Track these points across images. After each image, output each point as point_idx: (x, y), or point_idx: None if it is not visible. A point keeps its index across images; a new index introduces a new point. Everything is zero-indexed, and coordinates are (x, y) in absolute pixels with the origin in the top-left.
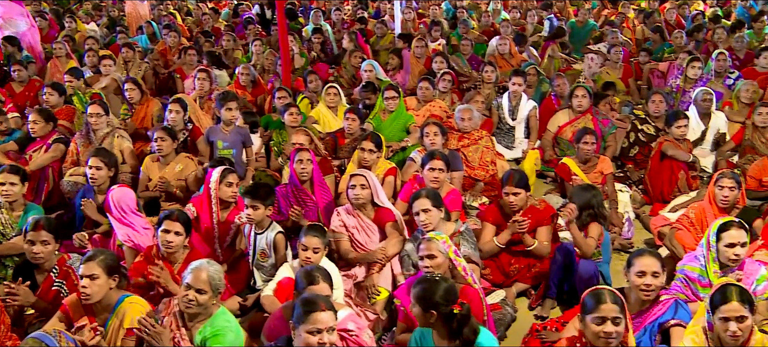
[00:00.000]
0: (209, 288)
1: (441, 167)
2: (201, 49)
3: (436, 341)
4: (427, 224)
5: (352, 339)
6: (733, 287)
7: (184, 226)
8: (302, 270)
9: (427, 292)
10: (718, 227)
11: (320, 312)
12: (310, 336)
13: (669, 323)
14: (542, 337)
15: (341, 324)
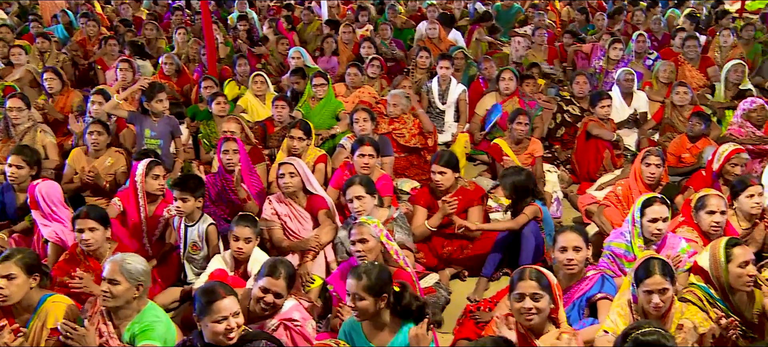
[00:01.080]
0: (123, 279)
1: (371, 153)
2: (122, 39)
3: (367, 332)
4: (361, 210)
5: (297, 329)
6: (655, 261)
7: (99, 220)
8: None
9: (378, 279)
10: (641, 203)
11: (221, 299)
12: (216, 325)
13: (596, 297)
14: (476, 318)
15: (286, 314)
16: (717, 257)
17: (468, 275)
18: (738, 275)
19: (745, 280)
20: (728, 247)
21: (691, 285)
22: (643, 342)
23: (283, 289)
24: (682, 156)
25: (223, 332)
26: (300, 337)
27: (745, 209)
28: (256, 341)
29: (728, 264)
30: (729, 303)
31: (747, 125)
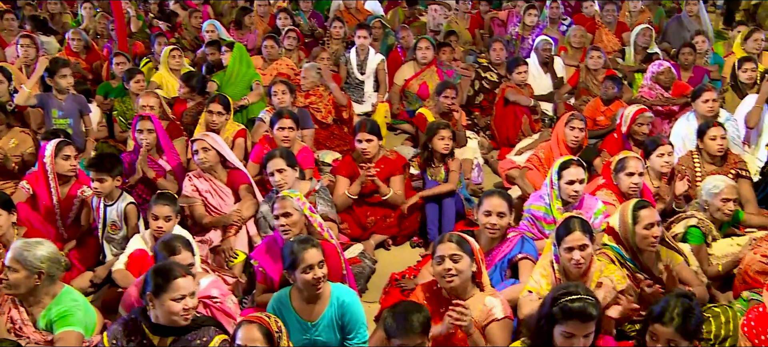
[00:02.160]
0: (21, 267)
1: (291, 126)
2: (21, 14)
3: (297, 306)
4: (282, 184)
5: (216, 306)
6: (575, 219)
7: (2, 206)
8: (161, 242)
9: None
10: (559, 166)
11: (180, 278)
12: (174, 303)
13: (517, 257)
14: (401, 286)
15: (204, 292)
16: (625, 220)
17: (392, 244)
18: (643, 236)
19: (650, 241)
20: (635, 210)
21: (604, 246)
22: (570, 309)
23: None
24: (597, 119)
25: (180, 311)
26: (221, 313)
27: (656, 167)
28: (205, 327)
29: (635, 226)
30: (638, 262)
31: (656, 87)
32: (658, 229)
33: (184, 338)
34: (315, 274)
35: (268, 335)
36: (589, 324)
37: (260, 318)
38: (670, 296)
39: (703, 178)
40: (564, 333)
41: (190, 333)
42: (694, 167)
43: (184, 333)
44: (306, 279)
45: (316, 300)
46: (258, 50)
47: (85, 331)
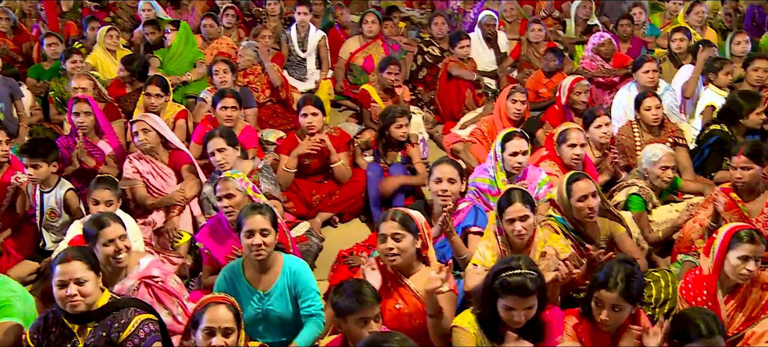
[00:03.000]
0: None
1: (233, 105)
2: None
3: (249, 276)
4: (224, 163)
5: (158, 285)
6: (515, 190)
7: None
8: (89, 219)
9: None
10: (502, 138)
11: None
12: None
13: (471, 229)
14: (349, 263)
15: (145, 272)
16: (560, 193)
17: (339, 221)
18: (579, 208)
19: (586, 213)
20: (569, 183)
21: (549, 216)
22: (509, 283)
23: (122, 231)
24: (539, 91)
25: (112, 253)
26: (163, 293)
27: (595, 139)
28: (125, 308)
29: (570, 198)
30: (580, 233)
31: (597, 58)
32: (594, 200)
33: (103, 323)
34: (255, 241)
35: (237, 314)
36: (529, 298)
37: (226, 298)
38: (613, 262)
39: (642, 147)
40: (505, 306)
41: (109, 317)
42: (633, 137)
43: (103, 318)
44: (247, 244)
45: (267, 270)
46: (197, 30)
47: (24, 322)
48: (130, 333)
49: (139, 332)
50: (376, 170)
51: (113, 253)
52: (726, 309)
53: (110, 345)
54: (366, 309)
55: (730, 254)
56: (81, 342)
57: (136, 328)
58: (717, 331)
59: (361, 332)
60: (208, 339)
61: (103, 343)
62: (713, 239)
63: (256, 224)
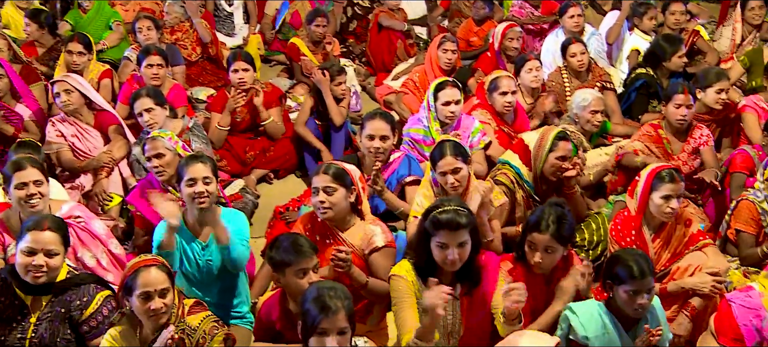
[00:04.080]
0: None
1: (159, 63)
2: None
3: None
4: (152, 123)
5: (80, 225)
6: (446, 143)
7: None
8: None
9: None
10: (434, 88)
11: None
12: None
13: (406, 180)
14: (286, 218)
15: (68, 213)
16: (543, 143)
17: (274, 177)
18: (553, 164)
19: (556, 173)
20: (557, 138)
21: (504, 164)
22: (439, 220)
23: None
24: (470, 40)
25: (24, 197)
26: (86, 235)
27: (526, 83)
28: (85, 285)
29: (550, 152)
30: (536, 186)
31: (526, 6)
32: (569, 164)
33: (61, 299)
34: (197, 189)
35: (169, 273)
36: (460, 232)
37: (155, 259)
38: (545, 205)
39: (572, 92)
40: (437, 243)
41: (68, 293)
42: (562, 83)
43: (61, 293)
44: (188, 193)
45: (207, 221)
46: None
47: None
48: (93, 310)
49: (102, 309)
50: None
51: (25, 197)
52: (653, 247)
53: (68, 322)
54: (303, 260)
55: (653, 194)
56: (34, 316)
57: (99, 306)
58: (648, 272)
59: (299, 283)
60: (146, 303)
61: (60, 319)
62: (637, 182)
63: (198, 173)
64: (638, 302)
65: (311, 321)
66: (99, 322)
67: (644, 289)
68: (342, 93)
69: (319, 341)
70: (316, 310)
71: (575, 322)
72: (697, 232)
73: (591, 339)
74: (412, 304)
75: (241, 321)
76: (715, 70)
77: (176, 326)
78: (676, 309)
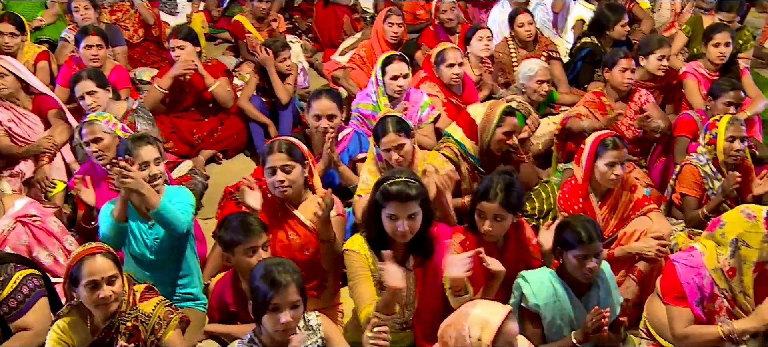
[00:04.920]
0: None
1: (99, 43)
2: None
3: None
4: (95, 106)
5: (37, 225)
6: (389, 119)
7: None
8: None
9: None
10: (382, 62)
11: None
12: None
13: (358, 157)
14: (236, 198)
15: (21, 212)
16: (491, 118)
17: (223, 157)
18: (500, 139)
19: (502, 147)
20: (505, 113)
21: (448, 137)
22: (389, 191)
23: None
24: (417, 13)
25: None
26: (42, 233)
27: (476, 52)
28: (3, 264)
29: (498, 127)
30: (482, 159)
31: None
32: (514, 139)
33: None
34: (151, 171)
35: (115, 259)
36: (410, 204)
37: (100, 246)
38: (493, 174)
39: (518, 63)
40: (388, 215)
41: None
42: (509, 53)
43: None
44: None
45: None
46: None
47: None
48: (11, 290)
49: (21, 288)
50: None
51: None
52: (600, 213)
53: None
54: (252, 238)
55: (598, 162)
56: None
57: (18, 284)
58: (596, 236)
59: (249, 262)
60: (94, 293)
61: None
62: (582, 150)
63: (146, 155)
64: (587, 266)
65: (262, 298)
66: (19, 302)
67: (592, 253)
68: (287, 69)
69: (272, 317)
70: (266, 286)
71: (527, 290)
72: (643, 197)
73: (542, 306)
74: (368, 278)
75: (195, 303)
76: (656, 37)
77: (129, 314)
78: (624, 274)
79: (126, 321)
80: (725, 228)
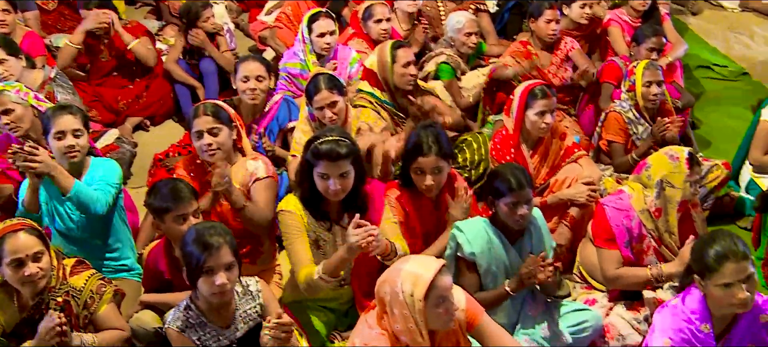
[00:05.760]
0: None
1: (5, 8)
2: None
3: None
4: (7, 76)
5: None
6: (321, 76)
7: None
8: None
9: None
10: (308, 20)
11: None
12: None
13: (288, 126)
14: (166, 165)
15: None
16: (384, 59)
17: (151, 124)
18: (402, 74)
19: (408, 79)
20: (393, 49)
21: (360, 91)
22: (319, 150)
23: None
24: None
25: None
26: None
27: (403, 8)
28: None
29: (394, 64)
30: (396, 103)
31: None
32: (414, 69)
33: None
34: (67, 142)
35: (41, 235)
36: (340, 162)
37: (22, 222)
38: (418, 130)
39: (446, 16)
40: (319, 174)
41: None
42: (437, 7)
43: None
44: (57, 146)
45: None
46: None
47: None
48: None
49: None
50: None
51: None
52: (532, 162)
53: None
54: (182, 205)
55: (528, 111)
56: None
57: None
58: (526, 182)
59: (180, 229)
60: (19, 271)
61: None
62: (511, 101)
63: (67, 125)
64: (519, 213)
65: (195, 262)
66: None
67: (523, 200)
68: (213, 28)
69: (207, 281)
70: (198, 250)
71: (462, 239)
72: (572, 144)
73: (478, 254)
74: (303, 238)
75: (129, 273)
76: None
77: (59, 289)
78: (557, 220)
79: (56, 296)
80: (650, 170)
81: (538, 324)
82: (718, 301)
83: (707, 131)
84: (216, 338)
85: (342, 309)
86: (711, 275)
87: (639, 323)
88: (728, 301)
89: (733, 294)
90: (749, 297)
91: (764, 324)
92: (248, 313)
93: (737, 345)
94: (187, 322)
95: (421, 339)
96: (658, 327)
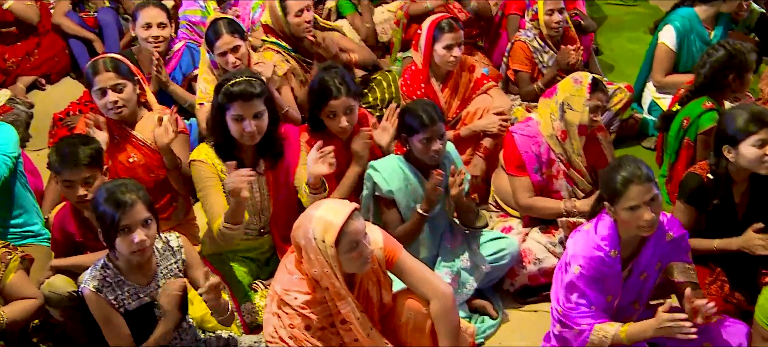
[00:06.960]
0: None
1: None
2: None
3: None
4: None
5: None
6: (221, 21)
7: None
8: None
9: None
10: None
11: None
12: None
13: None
14: (67, 124)
15: None
16: (276, 13)
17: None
18: (297, 23)
19: (304, 27)
20: (282, 0)
21: (265, 41)
22: (231, 91)
23: None
24: None
25: None
26: None
27: None
28: None
29: (286, 16)
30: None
31: None
32: (309, 14)
33: None
34: None
35: None
36: (254, 102)
37: None
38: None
39: None
40: (233, 116)
41: None
42: None
43: None
44: None
45: None
46: None
47: None
48: None
49: None
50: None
51: None
52: (443, 96)
53: None
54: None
55: (436, 45)
56: None
57: None
58: (437, 118)
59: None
60: None
61: None
62: (419, 35)
63: None
64: (433, 148)
65: (110, 221)
66: None
67: (436, 135)
68: None
69: (125, 239)
70: (111, 209)
71: (378, 178)
72: (482, 76)
73: (395, 191)
74: (218, 188)
75: (37, 239)
76: None
77: None
78: (471, 152)
79: None
80: (558, 94)
81: (457, 256)
82: (627, 225)
83: (610, 56)
84: (135, 296)
85: (263, 258)
86: (618, 199)
87: (554, 246)
88: (636, 223)
89: (640, 216)
90: (655, 217)
91: (669, 241)
92: (170, 269)
93: (646, 265)
94: (103, 281)
95: (337, 283)
96: (571, 252)
